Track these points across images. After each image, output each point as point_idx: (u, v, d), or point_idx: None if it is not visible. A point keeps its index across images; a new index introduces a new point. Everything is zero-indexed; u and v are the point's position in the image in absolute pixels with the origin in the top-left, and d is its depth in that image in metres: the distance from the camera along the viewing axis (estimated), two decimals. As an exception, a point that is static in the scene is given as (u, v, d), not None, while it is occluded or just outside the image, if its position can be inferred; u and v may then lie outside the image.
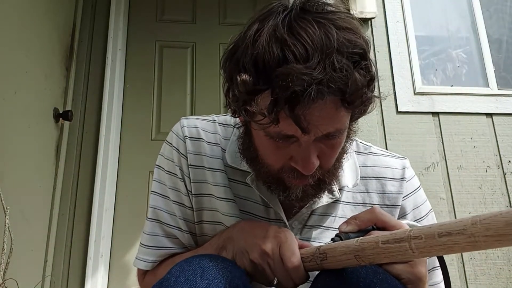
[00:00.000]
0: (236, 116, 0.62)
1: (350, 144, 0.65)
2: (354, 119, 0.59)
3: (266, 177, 0.63)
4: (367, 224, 0.55)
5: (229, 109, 0.61)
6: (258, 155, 0.62)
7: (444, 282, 0.53)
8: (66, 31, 1.89)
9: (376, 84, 0.56)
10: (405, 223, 0.56)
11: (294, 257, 0.55)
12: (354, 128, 0.63)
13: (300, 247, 0.57)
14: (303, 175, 0.58)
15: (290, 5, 0.56)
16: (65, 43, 1.87)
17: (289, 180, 0.60)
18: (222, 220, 0.68)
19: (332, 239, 0.54)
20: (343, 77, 0.49)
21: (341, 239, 0.53)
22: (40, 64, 1.59)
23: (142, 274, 0.74)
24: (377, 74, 0.57)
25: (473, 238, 0.35)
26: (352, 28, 0.53)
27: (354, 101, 0.52)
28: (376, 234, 0.50)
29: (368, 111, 0.58)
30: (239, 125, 0.65)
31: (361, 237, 0.48)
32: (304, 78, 0.48)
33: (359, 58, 0.52)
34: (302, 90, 0.48)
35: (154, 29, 2.23)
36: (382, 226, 0.54)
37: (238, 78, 0.53)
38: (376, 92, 0.57)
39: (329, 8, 0.55)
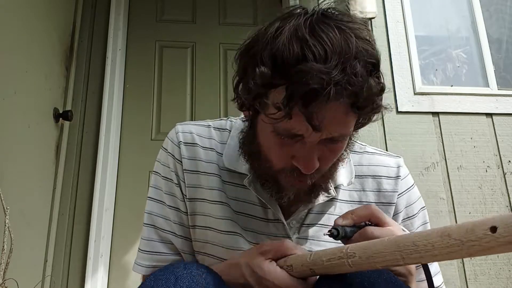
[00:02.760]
0: (244, 109, 0.62)
1: (348, 153, 0.66)
2: (357, 127, 0.61)
3: (264, 174, 0.64)
4: (362, 220, 0.57)
5: (236, 103, 0.62)
6: (261, 150, 0.62)
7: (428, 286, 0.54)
8: (66, 31, 1.89)
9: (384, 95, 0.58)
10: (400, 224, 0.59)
11: None
12: (354, 138, 0.65)
13: (281, 256, 0.58)
14: (302, 175, 0.59)
15: (311, 9, 0.58)
16: (65, 43, 1.87)
17: (286, 180, 0.61)
18: (212, 225, 0.69)
19: (329, 231, 0.56)
20: (360, 81, 0.51)
21: (338, 232, 0.54)
22: (40, 64, 1.59)
23: (143, 280, 0.74)
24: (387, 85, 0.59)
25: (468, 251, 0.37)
26: (370, 40, 0.55)
27: (366, 106, 0.53)
28: (371, 230, 0.53)
29: (373, 119, 0.59)
30: (245, 119, 0.66)
31: (350, 260, 0.47)
32: (323, 77, 0.49)
33: (373, 68, 0.53)
34: (320, 88, 0.49)
35: (154, 29, 2.23)
36: (375, 223, 0.56)
37: (257, 70, 0.54)
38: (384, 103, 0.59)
39: (349, 18, 0.57)
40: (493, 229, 0.33)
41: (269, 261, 0.57)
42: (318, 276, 0.57)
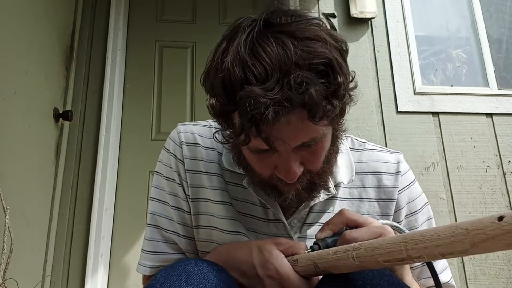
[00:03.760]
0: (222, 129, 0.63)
1: (339, 144, 0.65)
2: (334, 124, 0.59)
3: (260, 184, 0.64)
4: (340, 227, 0.57)
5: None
6: (248, 164, 0.63)
7: (435, 284, 0.53)
8: (66, 31, 1.89)
9: (348, 87, 0.56)
10: (380, 221, 0.58)
11: None
12: (341, 128, 0.63)
13: (292, 253, 0.58)
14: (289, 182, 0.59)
15: (257, 17, 0.57)
16: (65, 43, 1.87)
17: (280, 186, 0.61)
18: (217, 225, 0.69)
19: (311, 247, 0.56)
20: (300, 93, 0.49)
21: (320, 247, 0.55)
22: (40, 64, 1.59)
23: (146, 280, 0.74)
24: (351, 77, 0.56)
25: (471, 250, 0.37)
26: (314, 37, 0.53)
27: (315, 114, 0.51)
28: (348, 233, 0.53)
29: (344, 115, 0.58)
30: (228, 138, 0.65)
31: (354, 253, 0.48)
32: (262, 101, 0.49)
33: (323, 67, 0.51)
34: (260, 113, 0.49)
35: (154, 29, 2.23)
36: (353, 225, 0.56)
37: (208, 101, 0.56)
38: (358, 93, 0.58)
39: (294, 15, 0.56)
40: (500, 218, 0.33)
41: (279, 251, 0.58)
42: (321, 277, 0.57)
